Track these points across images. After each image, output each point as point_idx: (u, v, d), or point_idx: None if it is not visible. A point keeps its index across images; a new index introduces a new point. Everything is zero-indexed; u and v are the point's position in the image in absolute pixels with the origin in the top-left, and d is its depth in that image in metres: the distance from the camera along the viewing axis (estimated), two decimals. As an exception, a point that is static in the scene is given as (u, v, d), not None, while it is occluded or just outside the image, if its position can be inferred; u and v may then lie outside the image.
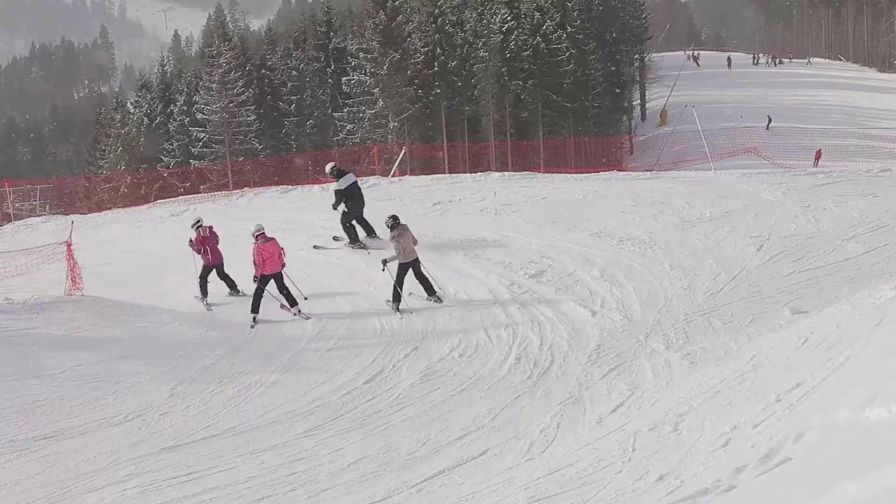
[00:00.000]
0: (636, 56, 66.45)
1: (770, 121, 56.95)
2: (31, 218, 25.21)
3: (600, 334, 10.92)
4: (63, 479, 7.96)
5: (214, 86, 44.90)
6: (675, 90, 62.24)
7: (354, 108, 45.39)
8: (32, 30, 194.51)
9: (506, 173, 21.76)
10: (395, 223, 12.73)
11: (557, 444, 8.15)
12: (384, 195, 19.56)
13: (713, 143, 29.76)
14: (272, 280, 12.59)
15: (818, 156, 45.72)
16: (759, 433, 6.40)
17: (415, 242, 12.73)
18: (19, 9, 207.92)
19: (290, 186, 23.17)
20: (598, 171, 22.50)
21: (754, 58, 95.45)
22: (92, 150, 53.89)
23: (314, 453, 8.40)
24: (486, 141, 45.49)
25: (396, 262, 12.54)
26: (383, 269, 12.58)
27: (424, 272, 12.73)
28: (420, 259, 12.72)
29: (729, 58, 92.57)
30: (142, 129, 48.70)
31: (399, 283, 12.45)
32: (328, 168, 15.56)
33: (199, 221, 13.89)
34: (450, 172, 31.33)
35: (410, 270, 12.60)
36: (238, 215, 19.23)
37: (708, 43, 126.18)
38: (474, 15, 48.23)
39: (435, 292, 12.75)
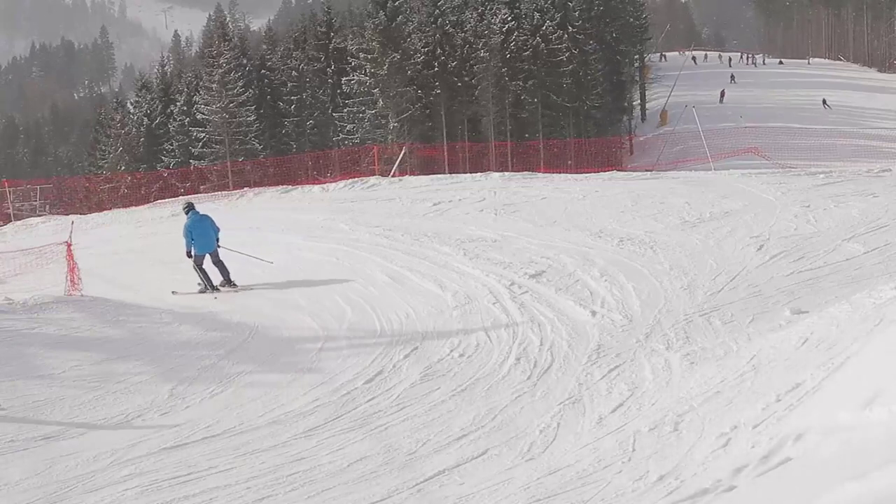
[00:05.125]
0: (636, 56, 66.46)
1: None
2: (31, 218, 25.20)
3: (600, 334, 10.90)
4: (63, 479, 7.94)
5: (214, 86, 44.84)
6: (675, 90, 62.25)
7: (354, 109, 45.37)
8: (32, 30, 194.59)
9: (506, 173, 21.78)
10: None
11: (557, 444, 8.13)
12: (384, 195, 19.59)
13: (713, 143, 29.76)
14: None
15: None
16: (759, 433, 6.41)
17: None
18: (19, 9, 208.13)
19: (290, 186, 23.19)
20: (598, 171, 22.52)
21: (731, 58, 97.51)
22: (92, 151, 53.79)
23: (314, 453, 8.37)
24: (486, 141, 45.46)
25: None
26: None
27: None
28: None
29: (719, 55, 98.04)
30: (142, 129, 48.66)
31: None
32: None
33: None
34: (450, 173, 31.36)
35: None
36: (239, 215, 19.27)
37: (708, 43, 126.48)
38: (474, 15, 48.23)
39: None
